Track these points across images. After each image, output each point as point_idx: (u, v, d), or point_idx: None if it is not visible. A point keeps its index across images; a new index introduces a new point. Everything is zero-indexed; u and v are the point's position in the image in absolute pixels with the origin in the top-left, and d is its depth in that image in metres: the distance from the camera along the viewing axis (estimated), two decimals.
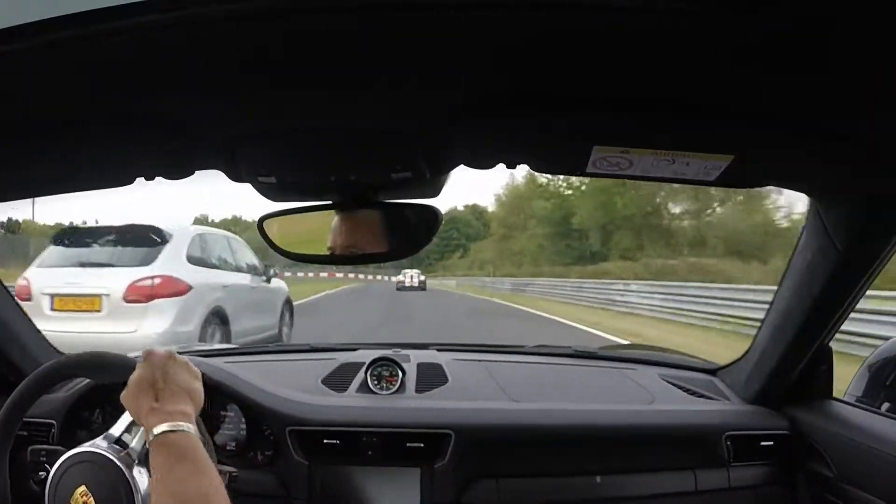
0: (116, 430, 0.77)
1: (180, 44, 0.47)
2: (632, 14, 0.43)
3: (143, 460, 0.74)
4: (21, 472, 0.88)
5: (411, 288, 21.48)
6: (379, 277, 40.62)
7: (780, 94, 0.56)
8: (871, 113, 0.59)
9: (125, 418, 0.77)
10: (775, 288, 1.12)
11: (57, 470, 0.74)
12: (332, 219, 0.84)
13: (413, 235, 0.83)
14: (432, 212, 0.81)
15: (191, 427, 0.69)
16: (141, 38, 0.45)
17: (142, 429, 0.74)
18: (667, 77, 0.54)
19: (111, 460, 0.72)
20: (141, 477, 0.72)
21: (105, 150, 0.70)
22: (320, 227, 0.84)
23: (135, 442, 0.75)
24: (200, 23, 0.44)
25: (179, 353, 1.53)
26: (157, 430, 0.67)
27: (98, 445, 0.74)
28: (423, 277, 23.25)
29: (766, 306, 1.16)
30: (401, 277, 23.29)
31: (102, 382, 1.14)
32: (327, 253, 0.85)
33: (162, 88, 0.56)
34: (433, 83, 0.57)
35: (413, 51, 0.49)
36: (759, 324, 1.21)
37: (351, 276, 42.20)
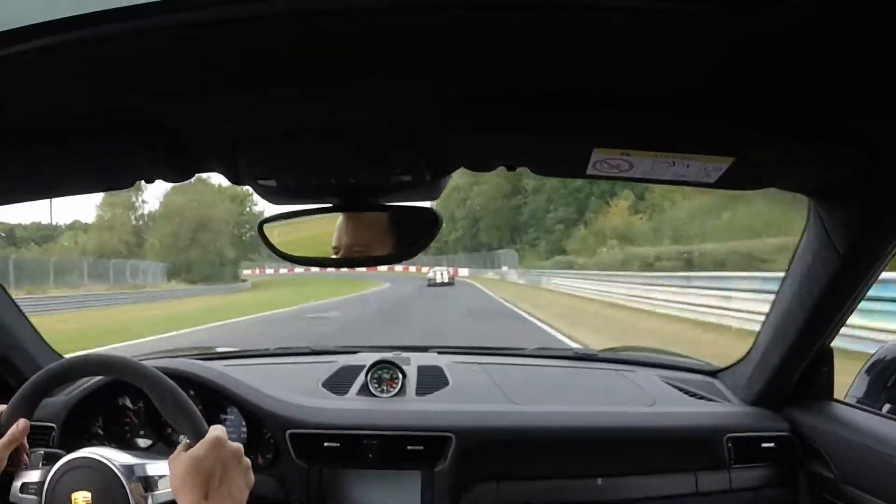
0: (152, 469, 0.75)
1: (180, 46, 0.47)
2: (632, 14, 0.43)
3: None
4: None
5: (441, 284, 21.10)
6: (425, 270, 28.61)
7: (780, 95, 0.56)
8: (871, 114, 0.59)
9: (163, 467, 0.74)
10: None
11: (60, 467, 0.73)
12: (333, 222, 0.84)
13: (412, 238, 0.83)
14: (432, 214, 0.81)
15: None
16: (140, 41, 0.45)
17: (169, 490, 0.72)
18: (667, 77, 0.54)
19: (125, 489, 0.72)
20: None
21: (105, 152, 0.69)
22: (321, 229, 0.84)
23: (157, 493, 0.74)
24: (200, 25, 0.44)
25: (178, 355, 1.53)
26: None
27: (118, 465, 0.73)
28: (451, 271, 22.47)
29: None
30: (431, 275, 22.44)
31: (101, 381, 1.14)
32: (327, 256, 0.85)
33: (162, 91, 0.56)
34: (433, 84, 0.57)
35: (413, 51, 0.49)
36: None
37: (398, 268, 30.33)
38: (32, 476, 0.75)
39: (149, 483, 0.74)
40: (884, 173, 0.70)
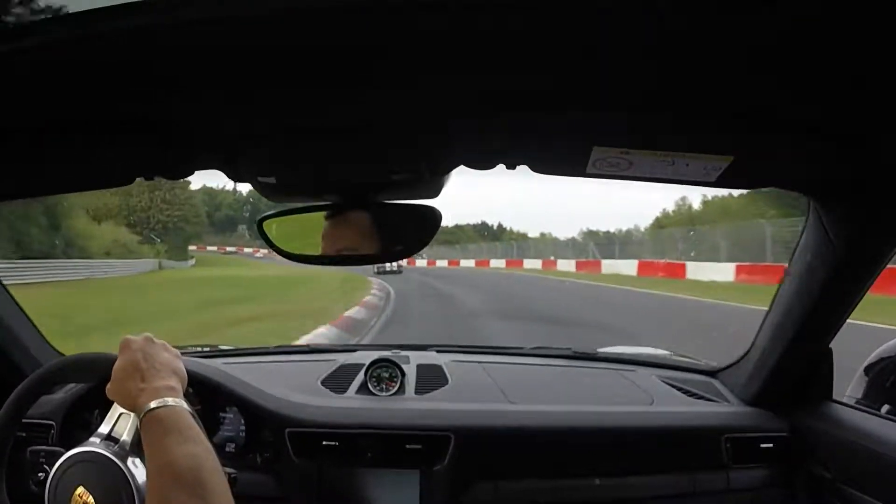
0: (105, 426, 0.78)
1: (181, 45, 0.47)
2: (632, 14, 0.43)
3: (137, 450, 0.74)
4: (20, 473, 0.88)
5: (390, 272, 19.08)
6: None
7: (780, 95, 0.56)
8: (871, 114, 0.59)
9: (112, 413, 0.78)
10: None
11: (56, 472, 0.74)
12: (332, 219, 0.84)
13: (413, 235, 0.82)
14: (432, 212, 0.81)
15: (178, 401, 0.70)
16: (141, 39, 0.45)
17: (131, 419, 0.75)
18: (667, 77, 0.54)
19: (105, 456, 0.73)
20: (136, 468, 0.73)
21: (105, 150, 0.70)
22: (321, 227, 0.84)
23: (125, 434, 0.76)
24: (200, 24, 0.44)
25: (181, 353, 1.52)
26: (146, 408, 0.68)
27: (91, 444, 0.75)
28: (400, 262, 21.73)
29: None
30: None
31: (92, 383, 1.14)
32: (327, 253, 0.85)
33: (162, 89, 0.56)
34: (433, 83, 0.57)
35: (413, 51, 0.50)
36: None
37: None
38: (35, 481, 0.76)
39: (112, 435, 0.76)
40: (883, 173, 0.70)
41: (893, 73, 0.50)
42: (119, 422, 0.77)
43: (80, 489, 0.71)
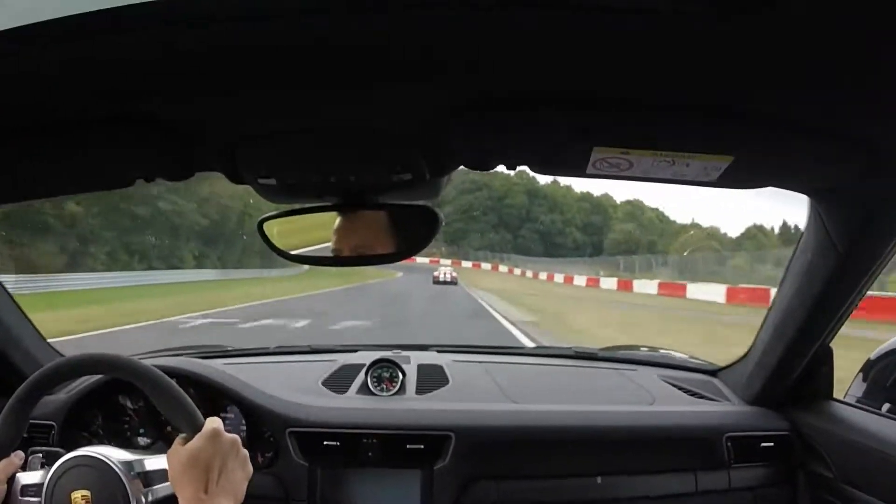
0: (150, 464, 0.75)
1: (180, 45, 0.47)
2: (631, 14, 0.43)
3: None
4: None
5: (444, 282, 20.87)
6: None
7: (781, 95, 0.56)
8: (871, 114, 0.59)
9: (162, 462, 0.75)
10: None
11: (54, 472, 0.73)
12: (334, 220, 0.84)
13: (413, 236, 0.83)
14: (432, 213, 0.81)
15: None
16: (141, 40, 0.45)
17: (168, 484, 0.72)
18: (667, 78, 0.54)
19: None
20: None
21: (105, 152, 0.69)
22: (321, 228, 0.84)
23: (156, 487, 0.74)
24: (200, 24, 0.44)
25: (177, 353, 1.52)
26: None
27: (116, 463, 0.73)
28: (454, 273, 22.65)
29: None
30: (436, 273, 22.53)
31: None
32: (328, 255, 0.85)
33: (162, 89, 0.56)
34: (433, 84, 0.57)
35: (413, 51, 0.49)
36: None
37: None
38: (33, 477, 0.75)
39: (148, 479, 0.74)
40: (883, 172, 0.70)
41: (894, 73, 0.49)
42: (159, 475, 0.74)
43: (84, 491, 0.71)
